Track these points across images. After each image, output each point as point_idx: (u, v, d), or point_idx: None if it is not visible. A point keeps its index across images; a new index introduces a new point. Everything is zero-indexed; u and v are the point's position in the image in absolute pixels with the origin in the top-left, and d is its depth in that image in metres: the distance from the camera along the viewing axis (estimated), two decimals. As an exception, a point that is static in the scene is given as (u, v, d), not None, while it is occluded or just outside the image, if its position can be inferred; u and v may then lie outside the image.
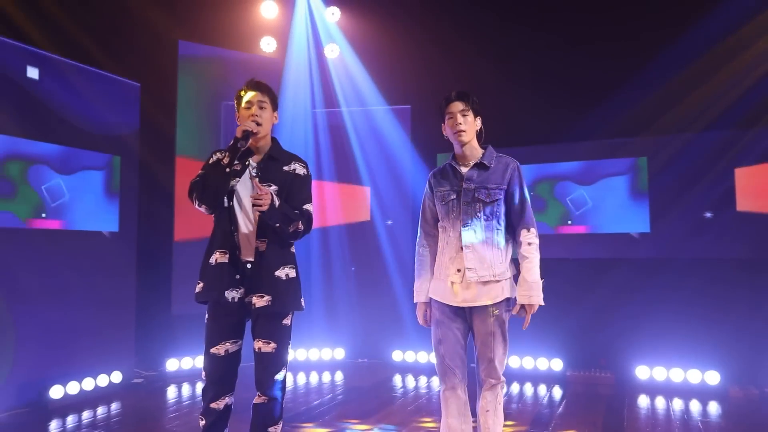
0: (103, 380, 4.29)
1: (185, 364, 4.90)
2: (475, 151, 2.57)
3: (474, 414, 2.56)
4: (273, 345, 2.42)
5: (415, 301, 2.63)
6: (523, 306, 2.44)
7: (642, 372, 4.49)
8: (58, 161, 4.24)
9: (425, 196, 2.67)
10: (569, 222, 5.10)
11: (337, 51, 6.03)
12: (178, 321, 4.99)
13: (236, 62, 5.52)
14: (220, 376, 2.42)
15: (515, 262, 2.55)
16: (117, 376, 4.42)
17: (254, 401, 2.44)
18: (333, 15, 6.02)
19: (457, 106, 2.54)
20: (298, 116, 5.85)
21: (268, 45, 5.93)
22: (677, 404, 4.03)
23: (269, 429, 2.42)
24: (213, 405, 2.42)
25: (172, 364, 4.86)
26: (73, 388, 4.06)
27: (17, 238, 3.97)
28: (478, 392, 2.55)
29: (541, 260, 2.48)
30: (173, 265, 5.02)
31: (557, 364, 4.78)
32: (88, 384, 4.18)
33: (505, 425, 3.48)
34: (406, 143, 5.68)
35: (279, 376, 2.42)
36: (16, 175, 3.99)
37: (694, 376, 4.32)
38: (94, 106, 4.50)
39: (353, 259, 5.70)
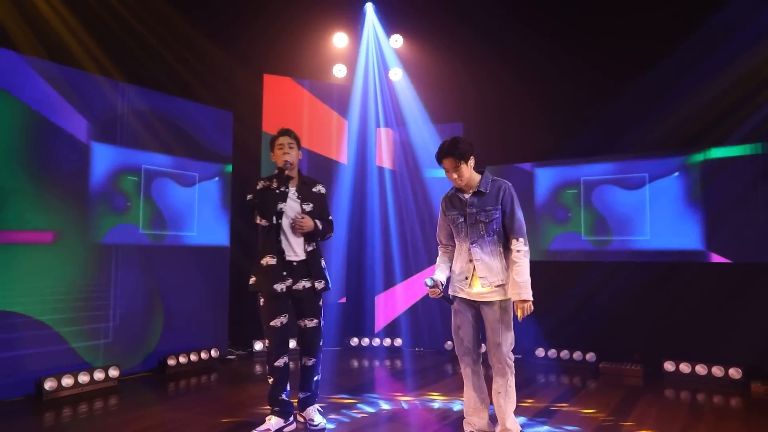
0: (204, 355, 5.34)
1: (269, 346, 5.87)
2: (472, 180, 3.12)
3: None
4: (315, 321, 3.47)
5: (429, 283, 3.10)
6: (514, 302, 3.02)
7: (669, 366, 4.87)
8: (174, 177, 5.34)
9: (440, 215, 3.29)
10: (606, 233, 5.50)
11: (401, 74, 6.79)
12: (263, 310, 5.97)
13: (313, 89, 6.46)
14: (279, 340, 3.41)
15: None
16: (215, 352, 5.46)
17: (303, 363, 3.49)
18: (396, 42, 6.80)
19: (447, 163, 3.04)
20: (364, 133, 6.71)
21: (339, 71, 6.82)
22: (697, 396, 4.41)
23: (315, 378, 3.51)
24: (276, 363, 3.39)
25: (257, 345, 5.85)
26: (183, 359, 5.14)
27: (139, 250, 5.09)
28: (494, 377, 3.16)
29: (578, 263, 3.08)
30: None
31: (591, 357, 5.26)
32: (194, 357, 5.24)
33: (531, 400, 4.11)
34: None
35: (320, 343, 3.52)
36: (133, 190, 5.07)
37: (718, 371, 4.66)
38: (199, 132, 5.58)
39: (406, 267, 6.44)
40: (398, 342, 6.26)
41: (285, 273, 3.39)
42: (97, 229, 4.71)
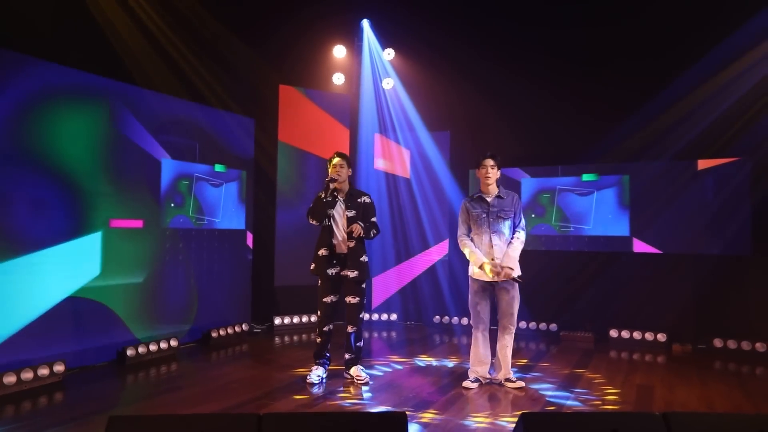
0: (238, 328, 6.31)
1: (286, 321, 6.88)
2: (494, 188, 4.37)
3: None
4: (357, 299, 4.50)
5: (479, 264, 4.27)
6: (503, 268, 4.22)
7: (613, 333, 6.26)
8: (209, 177, 6.20)
9: (463, 213, 4.44)
10: (568, 224, 6.81)
11: (392, 84, 7.79)
12: (280, 291, 6.96)
13: (319, 99, 7.39)
14: (327, 312, 4.51)
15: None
16: (245, 327, 6.43)
17: (347, 330, 4.54)
18: (389, 55, 7.78)
19: (489, 162, 4.35)
20: (363, 138, 7.70)
21: (338, 79, 7.75)
22: (634, 355, 5.79)
23: (358, 344, 4.55)
24: (324, 329, 4.52)
25: (277, 320, 6.84)
26: (222, 332, 6.10)
27: (190, 235, 5.97)
28: (499, 335, 4.39)
29: (548, 252, 5.04)
30: (276, 252, 6.95)
31: (554, 327, 6.59)
32: (230, 330, 6.21)
33: (512, 360, 5.31)
34: (446, 161, 7.46)
35: (360, 315, 4.53)
36: (185, 189, 5.94)
37: (649, 336, 6.08)
38: (228, 137, 6.44)
39: (398, 254, 7.57)
40: (393, 317, 7.40)
41: (334, 261, 4.49)
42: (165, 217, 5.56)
